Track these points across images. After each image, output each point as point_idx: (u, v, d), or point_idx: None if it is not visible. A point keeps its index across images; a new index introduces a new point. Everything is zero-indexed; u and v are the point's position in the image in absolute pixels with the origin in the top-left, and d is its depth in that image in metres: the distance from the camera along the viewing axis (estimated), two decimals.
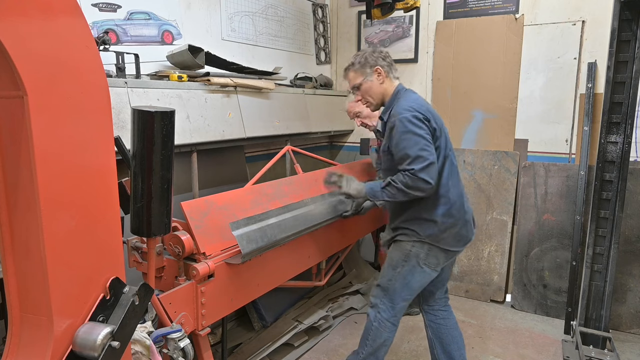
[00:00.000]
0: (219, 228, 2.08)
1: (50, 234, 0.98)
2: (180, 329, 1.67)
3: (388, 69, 2.11)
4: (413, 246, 2.06)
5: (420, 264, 2.07)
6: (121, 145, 1.56)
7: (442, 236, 2.04)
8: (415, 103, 2.00)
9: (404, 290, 2.11)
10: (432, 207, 2.03)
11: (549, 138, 3.44)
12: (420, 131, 1.93)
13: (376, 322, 2.15)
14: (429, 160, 1.90)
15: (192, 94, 2.52)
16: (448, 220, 2.03)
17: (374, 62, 2.09)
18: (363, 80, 2.12)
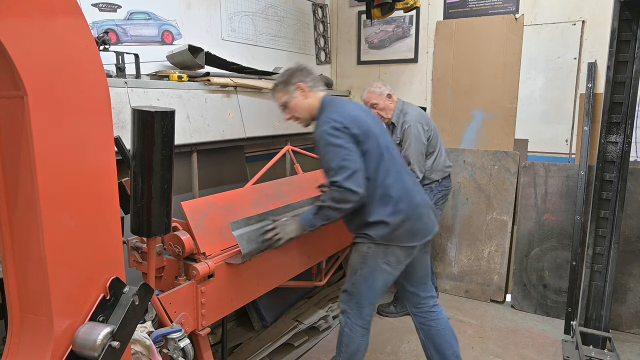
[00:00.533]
0: (219, 228, 2.08)
1: (50, 234, 0.98)
2: (180, 329, 1.67)
3: (311, 83, 2.13)
4: (369, 248, 2.04)
5: (379, 263, 2.04)
6: (121, 145, 1.56)
7: (394, 235, 2.00)
8: (335, 113, 2.00)
9: (368, 292, 2.09)
10: (377, 209, 2.00)
11: (549, 138, 3.44)
12: (338, 141, 1.92)
13: (347, 327, 2.14)
14: (352, 169, 1.89)
15: (192, 94, 2.52)
16: (397, 218, 1.99)
17: (296, 80, 2.11)
18: (288, 98, 2.13)
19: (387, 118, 3.16)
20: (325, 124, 1.97)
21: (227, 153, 2.97)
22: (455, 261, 3.76)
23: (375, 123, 2.11)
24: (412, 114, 3.13)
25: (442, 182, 3.23)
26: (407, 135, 3.07)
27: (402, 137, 3.10)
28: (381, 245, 2.02)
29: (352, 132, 1.95)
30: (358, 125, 1.99)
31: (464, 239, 3.73)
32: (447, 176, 3.27)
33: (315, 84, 2.15)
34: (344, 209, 1.93)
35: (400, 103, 3.20)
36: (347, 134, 1.94)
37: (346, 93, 4.23)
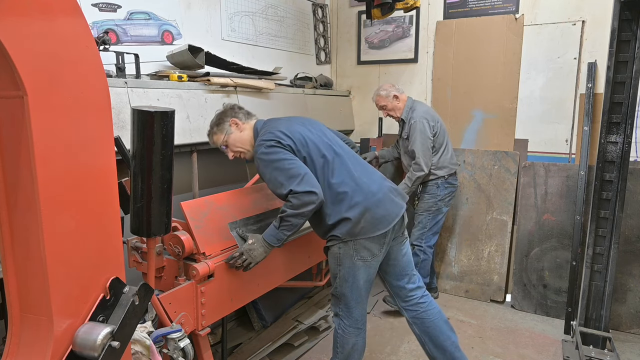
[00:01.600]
0: (219, 228, 2.08)
1: (50, 234, 0.98)
2: (180, 329, 1.67)
3: (242, 117, 2.20)
4: (339, 248, 2.03)
5: (354, 261, 2.03)
6: (121, 145, 1.56)
7: (358, 228, 1.99)
8: (266, 134, 2.04)
9: (352, 292, 2.08)
10: (334, 209, 2.00)
11: (549, 138, 3.44)
12: (276, 156, 1.95)
13: (340, 329, 2.15)
14: (300, 173, 1.91)
15: (192, 94, 2.52)
16: (356, 211, 1.98)
17: (228, 118, 2.17)
18: (226, 136, 2.18)
19: (397, 116, 3.31)
20: (259, 146, 2.01)
21: None
22: (455, 261, 3.76)
23: (311, 128, 2.13)
24: (419, 110, 3.24)
25: (448, 178, 3.27)
26: (412, 130, 3.17)
27: (409, 132, 3.20)
28: (350, 242, 2.01)
29: (286, 143, 1.99)
30: (291, 136, 2.02)
31: (464, 239, 3.73)
32: (454, 173, 3.32)
33: (247, 116, 2.22)
34: (306, 213, 1.93)
35: (411, 101, 3.32)
36: (282, 147, 1.98)
37: (346, 93, 4.23)
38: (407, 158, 3.32)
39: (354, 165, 2.10)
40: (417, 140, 3.14)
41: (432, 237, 3.33)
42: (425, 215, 3.31)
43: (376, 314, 3.34)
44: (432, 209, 3.28)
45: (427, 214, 3.30)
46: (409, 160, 3.29)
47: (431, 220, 3.29)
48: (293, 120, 2.18)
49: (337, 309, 2.16)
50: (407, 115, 3.24)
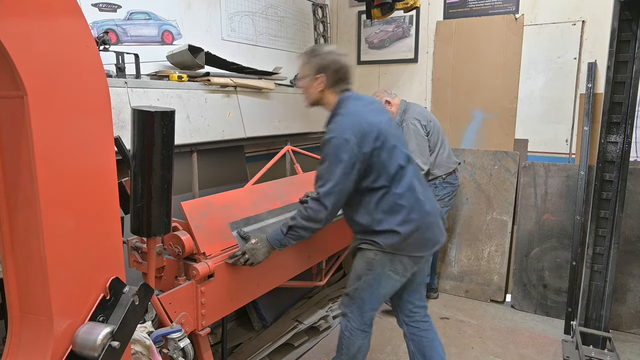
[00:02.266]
0: (219, 228, 2.08)
1: (50, 234, 0.98)
2: (180, 329, 1.67)
3: (332, 82, 1.99)
4: (376, 254, 1.97)
5: (385, 270, 1.98)
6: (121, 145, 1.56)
7: (404, 244, 1.93)
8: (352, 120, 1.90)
9: (371, 298, 2.05)
10: (387, 218, 1.93)
11: (549, 138, 3.44)
12: (343, 156, 1.83)
13: (347, 331, 2.10)
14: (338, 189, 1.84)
15: (192, 94, 2.52)
16: (408, 228, 1.92)
17: (322, 70, 1.98)
18: (304, 76, 2.03)
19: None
20: (338, 131, 1.87)
21: (227, 153, 2.97)
22: (455, 261, 3.76)
23: (392, 131, 2.00)
24: (410, 112, 3.25)
25: (446, 178, 3.26)
26: (406, 132, 3.18)
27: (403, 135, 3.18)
28: (389, 254, 1.96)
29: (363, 150, 1.86)
30: (375, 136, 1.89)
31: (464, 239, 3.73)
32: (452, 172, 3.30)
33: (337, 84, 2.00)
34: (314, 229, 1.91)
35: (404, 104, 3.32)
36: (355, 152, 1.85)
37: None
38: None
39: (417, 180, 2.02)
40: (412, 140, 3.13)
41: None
42: None
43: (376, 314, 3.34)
44: None
45: None
46: None
47: None
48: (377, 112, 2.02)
49: (348, 310, 2.10)
50: (401, 118, 3.26)
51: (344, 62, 2.00)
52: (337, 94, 2.01)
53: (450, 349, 2.91)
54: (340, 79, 1.99)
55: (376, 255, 1.98)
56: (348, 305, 2.11)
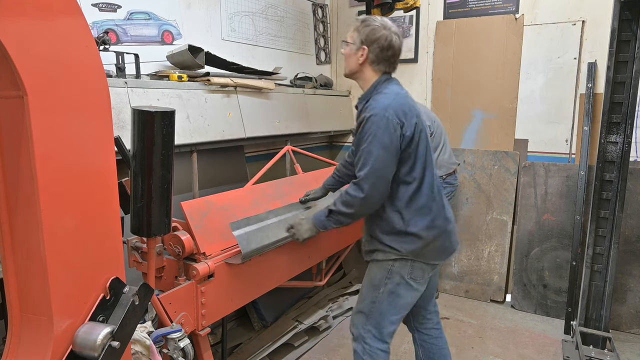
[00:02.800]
0: (219, 228, 2.08)
1: (50, 233, 0.98)
2: (180, 329, 1.67)
3: (375, 58, 1.83)
4: (395, 261, 1.85)
5: (405, 278, 1.86)
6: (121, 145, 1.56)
7: (424, 251, 1.84)
8: (395, 101, 1.77)
9: (390, 311, 1.88)
10: (415, 219, 1.81)
11: (549, 138, 3.44)
12: (386, 139, 1.71)
13: (366, 355, 1.89)
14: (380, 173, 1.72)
15: (192, 94, 2.52)
16: (431, 233, 1.83)
17: (368, 43, 1.82)
18: (350, 44, 1.87)
19: None
20: (380, 109, 1.72)
21: (227, 153, 2.97)
22: (455, 261, 3.76)
23: (425, 125, 1.88)
24: None
25: (446, 178, 3.26)
26: None
27: None
28: (409, 260, 1.85)
29: (406, 133, 1.75)
30: (416, 122, 1.78)
31: (464, 239, 3.73)
32: (452, 173, 3.30)
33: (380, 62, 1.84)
34: (353, 215, 1.78)
35: None
36: (398, 134, 1.73)
37: (346, 93, 4.23)
38: None
39: (439, 185, 1.93)
40: None
41: None
42: None
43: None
44: None
45: None
46: None
47: None
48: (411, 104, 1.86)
49: (362, 330, 1.91)
50: None
51: (394, 43, 1.83)
52: (378, 73, 1.86)
53: (450, 349, 2.90)
54: (384, 58, 1.83)
55: (395, 262, 1.85)
56: (362, 325, 1.91)
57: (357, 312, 1.96)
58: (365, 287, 1.95)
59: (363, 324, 1.92)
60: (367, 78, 1.88)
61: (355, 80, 1.93)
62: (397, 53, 1.86)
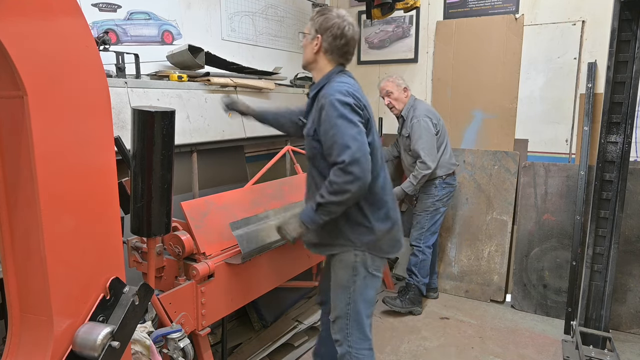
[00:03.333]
0: (219, 228, 2.08)
1: (50, 233, 0.98)
2: (180, 329, 1.67)
3: (328, 47, 1.83)
4: (356, 255, 1.85)
5: (370, 271, 1.88)
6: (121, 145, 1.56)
7: (379, 243, 1.85)
8: (350, 87, 1.77)
9: (365, 306, 1.90)
10: (371, 210, 1.82)
11: (549, 138, 3.44)
12: (353, 117, 1.69)
13: (353, 358, 1.91)
14: (361, 151, 1.66)
15: (192, 94, 2.52)
16: (386, 225, 1.85)
17: (321, 30, 1.83)
18: (306, 35, 1.88)
19: (398, 110, 3.29)
20: (340, 93, 1.71)
21: (227, 153, 2.97)
22: (455, 261, 3.76)
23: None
24: (420, 108, 3.23)
25: (445, 179, 3.27)
26: (415, 129, 3.16)
27: (410, 131, 3.19)
28: (366, 252, 1.86)
29: (365, 118, 1.76)
30: (371, 113, 1.80)
31: (464, 239, 3.73)
32: (452, 173, 3.32)
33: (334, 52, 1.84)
34: (345, 201, 1.70)
35: (413, 99, 3.31)
36: (361, 117, 1.73)
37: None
38: (407, 157, 3.32)
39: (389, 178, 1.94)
40: (422, 138, 3.12)
41: (431, 237, 3.33)
42: (423, 216, 3.31)
43: (376, 314, 3.34)
44: (430, 209, 3.28)
45: (425, 214, 3.30)
46: (409, 160, 3.29)
47: (429, 220, 3.29)
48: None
49: (344, 334, 1.92)
50: (408, 113, 3.23)
51: (347, 32, 1.84)
52: (332, 63, 1.86)
53: (450, 349, 2.91)
54: (337, 47, 1.83)
55: (357, 257, 1.86)
56: (343, 330, 1.93)
57: (335, 319, 1.96)
58: (335, 292, 1.94)
59: (345, 327, 1.92)
60: (321, 68, 1.87)
61: (310, 71, 1.93)
62: (351, 43, 1.86)
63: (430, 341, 3.00)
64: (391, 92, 3.25)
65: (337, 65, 1.87)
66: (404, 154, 3.37)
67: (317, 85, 1.85)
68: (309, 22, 1.88)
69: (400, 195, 3.21)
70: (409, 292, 3.32)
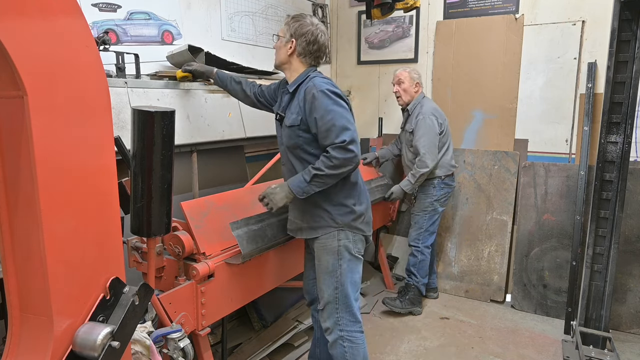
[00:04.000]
0: (219, 228, 2.08)
1: (50, 234, 0.98)
2: (180, 329, 1.67)
3: (302, 50, 1.99)
4: (339, 239, 1.99)
5: (353, 253, 2.02)
6: (121, 145, 1.56)
7: (357, 223, 2.02)
8: (328, 80, 1.99)
9: (352, 289, 2.01)
10: (349, 192, 2.01)
11: (549, 138, 3.44)
12: (343, 104, 1.91)
13: (346, 342, 2.00)
14: (355, 134, 1.86)
15: (192, 94, 2.52)
16: (362, 207, 2.04)
17: (296, 36, 1.98)
18: (280, 37, 2.04)
19: (403, 101, 3.30)
20: (329, 85, 1.92)
21: (227, 153, 2.97)
22: (455, 261, 3.76)
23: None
24: (428, 106, 3.24)
25: (444, 179, 3.27)
26: (420, 126, 3.16)
27: (415, 127, 3.19)
28: (348, 231, 2.00)
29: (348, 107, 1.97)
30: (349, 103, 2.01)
31: (464, 239, 3.73)
32: (451, 174, 3.32)
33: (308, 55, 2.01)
34: (340, 174, 1.88)
35: (422, 96, 3.32)
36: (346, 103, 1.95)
37: (346, 93, 4.23)
38: (408, 152, 3.31)
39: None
40: (424, 136, 3.13)
41: (429, 237, 3.32)
42: (421, 216, 3.30)
43: (376, 314, 3.34)
44: (429, 209, 3.28)
45: (423, 214, 3.30)
46: (410, 155, 3.29)
47: (427, 220, 3.29)
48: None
49: (334, 320, 2.02)
50: (414, 109, 3.23)
51: (320, 38, 2.00)
52: (305, 65, 2.03)
53: (450, 348, 2.91)
54: (310, 52, 2.00)
55: (339, 240, 1.99)
56: (333, 315, 2.02)
57: (325, 306, 2.05)
58: (322, 279, 2.05)
59: (335, 312, 2.02)
60: (295, 68, 2.05)
61: (283, 70, 2.10)
62: (322, 49, 2.04)
63: (430, 341, 3.00)
64: (402, 82, 3.26)
65: (310, 66, 2.05)
66: (405, 150, 3.36)
67: (296, 82, 2.02)
68: (284, 26, 2.04)
69: (399, 194, 3.21)
70: (408, 293, 3.32)
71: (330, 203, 1.99)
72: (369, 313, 3.35)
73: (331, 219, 2.00)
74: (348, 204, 2.00)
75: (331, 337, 2.04)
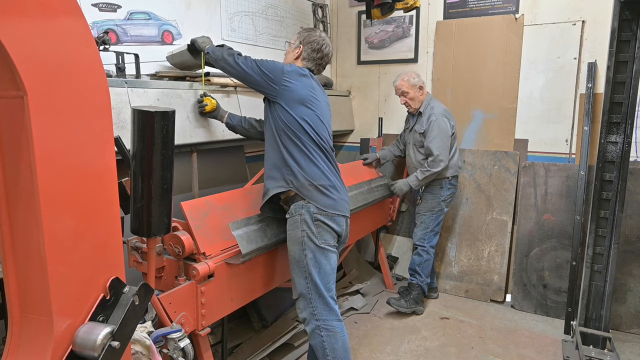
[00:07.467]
0: (219, 228, 2.08)
1: (50, 234, 0.98)
2: (180, 329, 1.67)
3: (307, 55, 2.27)
4: (303, 231, 2.04)
5: (319, 245, 2.05)
6: (121, 145, 1.56)
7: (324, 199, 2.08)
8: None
9: (322, 280, 2.05)
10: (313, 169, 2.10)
11: (549, 138, 3.44)
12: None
13: (322, 332, 2.04)
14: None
15: (192, 94, 2.52)
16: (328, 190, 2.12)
17: (304, 43, 2.27)
18: (292, 44, 2.33)
19: (414, 108, 3.28)
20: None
21: (227, 153, 2.97)
22: (455, 261, 3.76)
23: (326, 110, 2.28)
24: (438, 107, 3.24)
25: (451, 180, 3.30)
26: (432, 127, 3.16)
27: (427, 129, 3.19)
28: (312, 222, 2.04)
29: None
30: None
31: (464, 239, 3.73)
32: (457, 176, 3.33)
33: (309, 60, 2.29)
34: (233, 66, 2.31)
35: (429, 97, 3.31)
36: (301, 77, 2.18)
37: (346, 93, 4.23)
38: (417, 153, 3.30)
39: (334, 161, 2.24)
40: (437, 137, 3.13)
41: (434, 237, 3.33)
42: (428, 216, 3.31)
43: (376, 314, 3.34)
44: (436, 209, 3.29)
45: (430, 214, 3.30)
46: (419, 156, 3.28)
47: (434, 220, 3.30)
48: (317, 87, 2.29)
49: (309, 311, 2.07)
50: (426, 111, 3.23)
51: (324, 49, 2.28)
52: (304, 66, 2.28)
53: (450, 349, 2.91)
54: (313, 58, 2.28)
55: (303, 232, 2.04)
56: (308, 305, 2.07)
57: (298, 297, 2.10)
58: (293, 269, 2.12)
59: (309, 303, 2.07)
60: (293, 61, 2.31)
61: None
62: (324, 58, 2.31)
63: (430, 341, 3.00)
64: (407, 92, 3.24)
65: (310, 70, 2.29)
66: (414, 151, 3.34)
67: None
68: (296, 34, 2.34)
69: (404, 188, 3.22)
70: (412, 292, 3.31)
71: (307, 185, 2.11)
72: (369, 313, 3.35)
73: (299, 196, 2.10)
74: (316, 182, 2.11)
75: (309, 328, 2.09)
